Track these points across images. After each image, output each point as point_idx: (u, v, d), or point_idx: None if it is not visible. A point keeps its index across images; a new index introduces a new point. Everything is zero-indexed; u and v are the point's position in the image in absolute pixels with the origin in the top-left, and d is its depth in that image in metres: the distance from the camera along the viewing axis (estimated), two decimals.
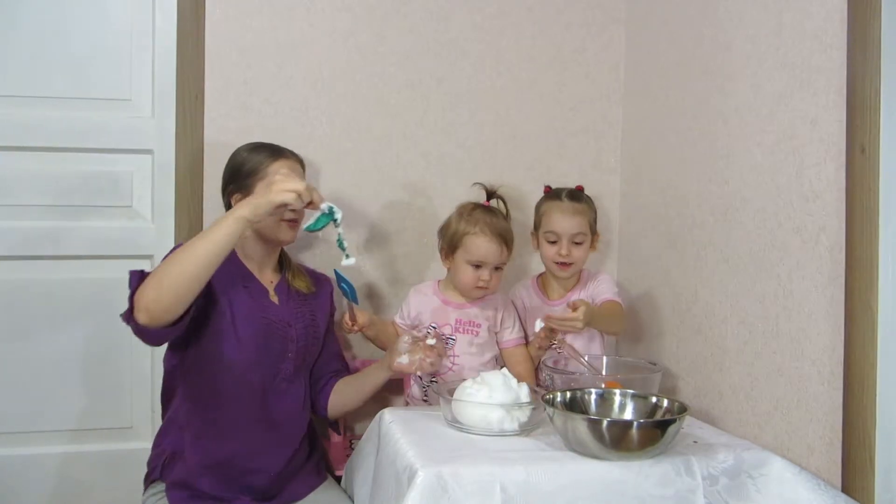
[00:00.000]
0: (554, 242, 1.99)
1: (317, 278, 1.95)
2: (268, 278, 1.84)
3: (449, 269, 1.97)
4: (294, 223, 1.79)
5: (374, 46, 2.22)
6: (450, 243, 1.93)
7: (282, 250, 1.89)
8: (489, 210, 1.96)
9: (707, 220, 1.94)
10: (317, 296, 1.91)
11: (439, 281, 2.02)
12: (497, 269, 1.92)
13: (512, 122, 2.32)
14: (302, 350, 1.81)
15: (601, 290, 2.02)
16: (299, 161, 1.86)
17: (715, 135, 1.92)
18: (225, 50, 2.13)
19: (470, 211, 1.94)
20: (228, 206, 1.82)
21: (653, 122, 2.22)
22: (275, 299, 1.81)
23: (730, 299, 1.85)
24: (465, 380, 1.68)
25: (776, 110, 1.71)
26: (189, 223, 2.11)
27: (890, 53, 1.43)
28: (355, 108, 2.21)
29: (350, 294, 1.82)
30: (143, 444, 1.92)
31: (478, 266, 1.90)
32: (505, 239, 1.92)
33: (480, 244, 1.89)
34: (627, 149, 2.37)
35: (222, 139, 2.07)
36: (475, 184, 2.03)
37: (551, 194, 2.06)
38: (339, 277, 1.80)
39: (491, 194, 2.00)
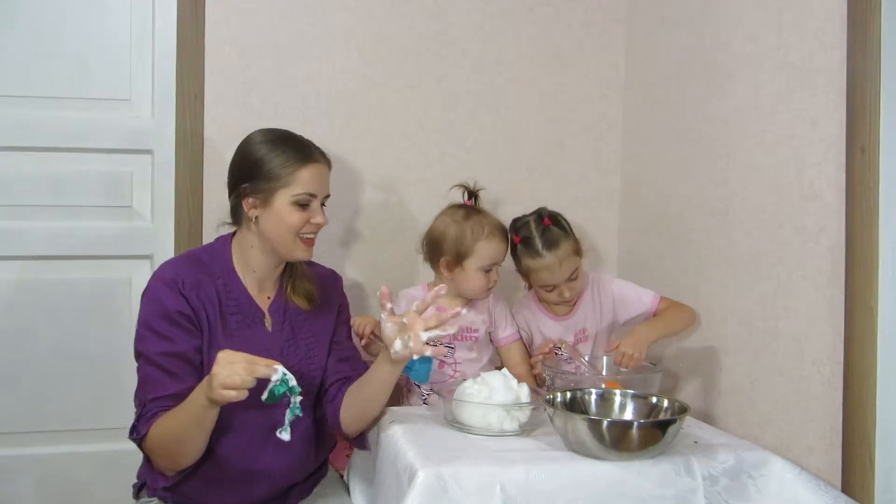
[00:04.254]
0: (551, 290, 1.92)
1: (324, 280, 1.78)
2: (266, 294, 1.68)
3: (450, 279, 1.88)
4: (311, 241, 1.67)
5: (374, 46, 2.22)
6: (456, 254, 1.85)
7: None
8: (479, 210, 1.92)
9: (707, 220, 1.94)
10: (321, 308, 1.72)
11: (428, 284, 1.94)
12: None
13: (512, 122, 2.32)
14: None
15: (628, 303, 1.96)
16: (326, 161, 1.69)
17: (715, 135, 1.92)
18: (225, 50, 2.12)
19: (465, 217, 1.88)
20: (237, 207, 1.65)
21: (653, 122, 2.22)
22: (268, 324, 1.65)
23: (730, 299, 1.85)
24: (465, 380, 1.68)
25: (776, 110, 1.70)
26: (189, 223, 2.10)
27: (890, 53, 1.43)
28: (355, 108, 2.21)
29: (417, 377, 1.64)
30: None
31: (489, 269, 1.87)
32: (507, 234, 1.91)
33: (494, 247, 1.85)
34: (627, 149, 2.37)
35: (222, 139, 2.07)
36: (455, 185, 1.96)
37: (526, 248, 1.89)
38: (424, 361, 1.51)
39: (472, 194, 1.94)
